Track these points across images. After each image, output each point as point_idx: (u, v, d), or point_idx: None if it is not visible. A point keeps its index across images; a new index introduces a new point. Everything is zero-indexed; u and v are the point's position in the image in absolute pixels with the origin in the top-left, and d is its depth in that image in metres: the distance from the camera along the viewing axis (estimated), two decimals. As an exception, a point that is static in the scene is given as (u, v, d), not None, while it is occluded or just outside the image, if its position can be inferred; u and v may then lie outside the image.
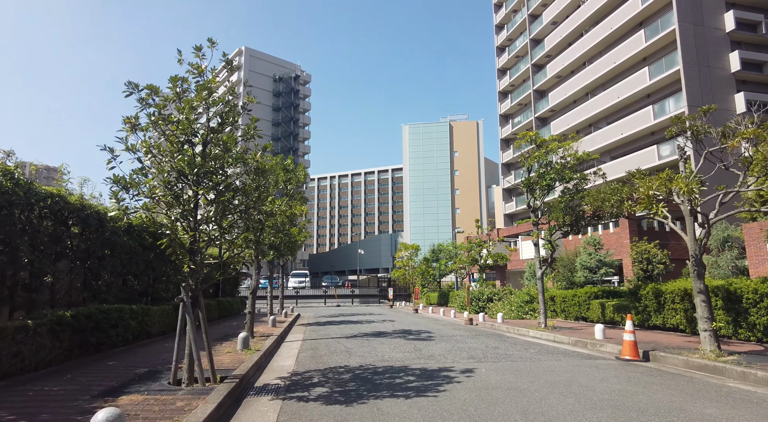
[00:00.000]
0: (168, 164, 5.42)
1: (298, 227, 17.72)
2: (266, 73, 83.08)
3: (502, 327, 14.52)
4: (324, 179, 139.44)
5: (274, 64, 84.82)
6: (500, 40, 59.90)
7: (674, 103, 34.05)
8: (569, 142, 13.18)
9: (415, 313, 24.67)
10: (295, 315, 21.49)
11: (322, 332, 13.73)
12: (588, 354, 9.01)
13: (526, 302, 18.11)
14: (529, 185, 13.35)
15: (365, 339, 11.41)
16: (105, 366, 6.97)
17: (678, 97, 33.92)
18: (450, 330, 13.93)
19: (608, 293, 15.04)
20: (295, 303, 35.42)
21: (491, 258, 25.01)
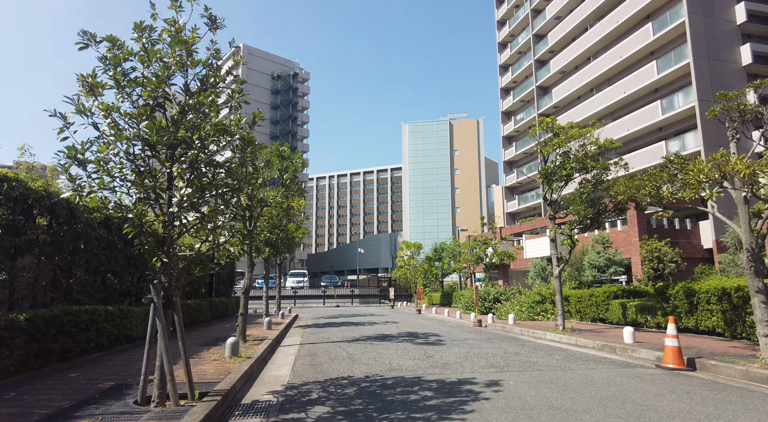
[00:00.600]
0: (133, 131, 4.37)
1: (295, 223, 16.68)
2: (264, 70, 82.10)
3: (515, 329, 13.50)
4: (323, 179, 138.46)
5: (272, 61, 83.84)
6: (502, 36, 58.94)
7: (683, 98, 33.09)
8: (590, 129, 12.16)
9: (418, 314, 23.64)
10: (292, 316, 20.45)
11: (321, 335, 12.69)
12: (622, 360, 7.98)
13: (538, 303, 17.10)
14: (547, 176, 12.32)
15: (369, 343, 10.38)
16: (65, 379, 5.92)
17: (687, 91, 32.94)
18: (459, 333, 12.90)
19: (628, 292, 14.03)
20: (293, 304, 34.35)
21: (497, 257, 24.01)
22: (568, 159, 11.90)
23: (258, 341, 10.52)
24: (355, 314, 22.20)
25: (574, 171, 11.78)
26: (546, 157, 12.74)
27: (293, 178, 10.77)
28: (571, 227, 12.15)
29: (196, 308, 14.18)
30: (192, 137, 4.62)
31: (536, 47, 51.85)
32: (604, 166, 11.63)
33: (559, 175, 11.98)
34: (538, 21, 51.56)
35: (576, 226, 12.09)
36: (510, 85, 57.28)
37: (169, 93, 4.69)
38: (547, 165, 12.53)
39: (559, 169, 11.99)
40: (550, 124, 12.65)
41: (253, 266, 10.66)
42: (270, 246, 15.11)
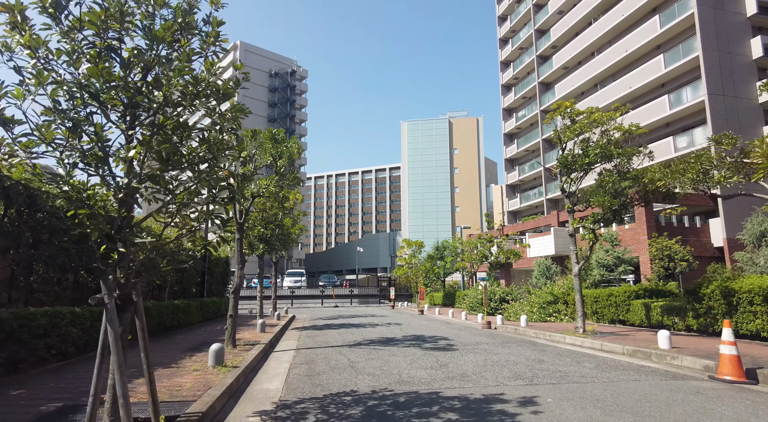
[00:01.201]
0: (71, 78, 3.30)
1: (292, 218, 15.62)
2: (262, 68, 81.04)
3: (529, 331, 12.48)
4: (321, 178, 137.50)
5: (269, 59, 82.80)
6: (503, 32, 58.02)
7: (692, 93, 32.15)
8: (615, 113, 11.14)
9: (421, 315, 22.60)
10: (289, 317, 19.40)
11: (319, 338, 11.63)
12: (665, 370, 6.95)
13: (549, 303, 16.09)
14: (566, 165, 11.28)
15: (372, 349, 9.33)
16: (3, 398, 4.85)
17: (696, 85, 32.00)
18: (469, 336, 11.87)
19: (650, 292, 13.02)
20: (290, 304, 33.28)
21: (503, 255, 23.01)
22: (590, 146, 10.87)
23: (249, 346, 9.46)
24: (354, 315, 21.16)
25: (598, 158, 10.74)
26: (564, 144, 11.71)
27: (288, 165, 9.73)
28: (594, 220, 11.10)
29: (184, 309, 13.11)
30: (153, 91, 3.55)
31: (538, 43, 50.91)
32: (630, 153, 10.60)
33: (579, 163, 10.95)
34: (540, 16, 50.63)
35: (599, 219, 11.03)
36: (511, 81, 56.35)
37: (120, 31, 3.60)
38: (566, 153, 11.50)
39: (580, 157, 10.96)
40: (569, 109, 11.60)
41: (244, 263, 9.61)
42: (264, 243, 14.05)
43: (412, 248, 28.06)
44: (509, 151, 55.42)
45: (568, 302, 15.74)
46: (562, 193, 11.93)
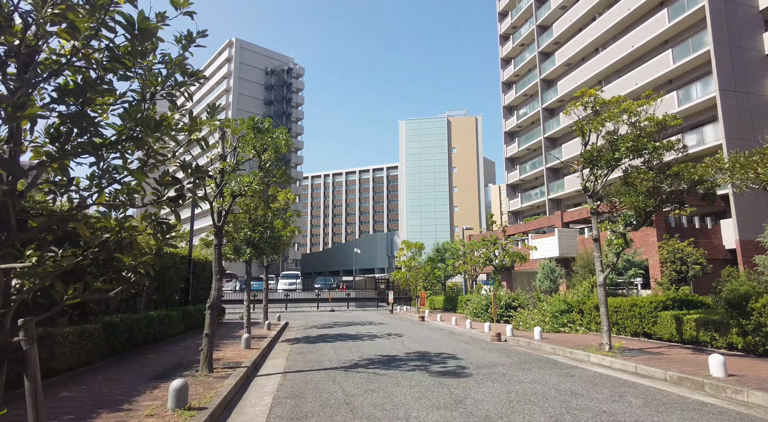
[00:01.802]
0: None
1: (283, 220, 14.28)
2: (257, 65, 79.69)
3: (545, 346, 11.20)
4: (318, 178, 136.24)
5: (265, 56, 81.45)
6: (504, 28, 56.83)
7: (702, 89, 30.94)
8: (648, 100, 9.85)
9: (422, 322, 21.31)
10: (281, 325, 18.09)
11: (311, 356, 10.30)
12: (733, 410, 5.66)
13: (563, 312, 14.81)
14: (592, 160, 9.97)
15: (372, 374, 8.01)
16: None
17: (706, 81, 30.79)
18: (480, 353, 10.57)
19: (680, 302, 11.76)
20: (284, 308, 31.93)
21: (509, 258, 21.69)
22: (620, 139, 9.57)
23: (229, 369, 8.14)
24: (351, 322, 19.84)
25: (628, 153, 9.44)
26: (587, 138, 10.41)
27: (275, 160, 8.41)
28: (625, 223, 9.78)
29: (161, 320, 11.75)
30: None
31: (540, 39, 49.72)
32: (667, 146, 9.30)
33: (606, 159, 9.65)
34: (542, 11, 49.43)
35: (631, 222, 9.72)
36: (512, 78, 55.16)
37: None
38: (589, 148, 10.20)
39: (607, 152, 9.66)
40: (594, 96, 10.29)
41: (223, 273, 8.28)
42: (252, 246, 12.71)
43: (412, 250, 26.76)
44: (510, 149, 54.22)
45: (583, 311, 14.47)
46: (584, 192, 10.64)
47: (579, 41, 43.07)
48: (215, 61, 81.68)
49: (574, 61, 44.74)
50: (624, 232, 9.85)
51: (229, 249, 12.71)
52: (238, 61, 78.12)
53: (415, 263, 26.45)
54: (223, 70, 79.13)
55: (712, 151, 28.74)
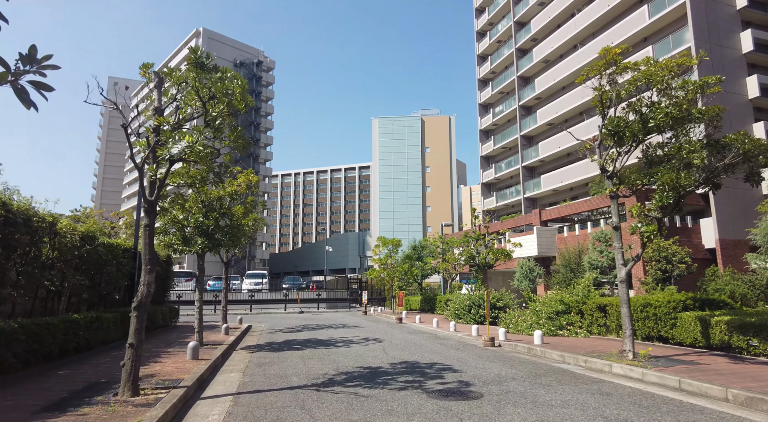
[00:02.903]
0: None
1: (243, 205, 12.19)
2: (226, 57, 76.29)
3: (551, 353, 9.59)
4: (288, 176, 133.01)
5: (234, 48, 78.16)
6: (480, 25, 55.98)
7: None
8: (689, 59, 8.35)
9: (400, 324, 19.53)
10: (242, 329, 15.93)
11: (274, 369, 8.32)
12: None
13: (560, 313, 13.30)
14: (617, 132, 8.40)
15: (353, 396, 6.13)
16: None
17: (686, 78, 30.30)
18: (478, 362, 8.85)
19: (701, 302, 10.40)
20: (248, 309, 29.52)
21: (492, 255, 20.24)
22: (655, 106, 8.03)
23: (162, 390, 6.08)
24: (323, 325, 17.84)
25: (668, 120, 7.90)
26: (606, 108, 8.86)
27: (227, 114, 6.40)
28: (661, 205, 8.16)
29: (89, 324, 9.47)
30: None
31: (518, 35, 49.00)
32: (715, 111, 7.83)
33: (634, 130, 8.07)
34: (520, 7, 48.71)
35: (669, 201, 8.11)
36: (488, 76, 54.30)
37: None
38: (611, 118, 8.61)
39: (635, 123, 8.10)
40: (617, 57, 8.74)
41: (155, 262, 6.22)
42: (204, 236, 10.60)
43: (388, 247, 24.97)
44: (485, 148, 53.30)
45: (584, 312, 13.00)
46: (601, 173, 9.09)
47: (557, 38, 42.47)
48: (181, 51, 77.73)
49: (552, 58, 44.13)
50: (658, 216, 8.30)
51: (176, 238, 10.55)
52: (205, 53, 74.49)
53: (391, 261, 24.68)
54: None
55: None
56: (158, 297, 17.63)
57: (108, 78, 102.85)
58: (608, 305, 11.99)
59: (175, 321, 18.18)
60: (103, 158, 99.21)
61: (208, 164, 6.72)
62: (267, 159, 78.43)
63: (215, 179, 7.05)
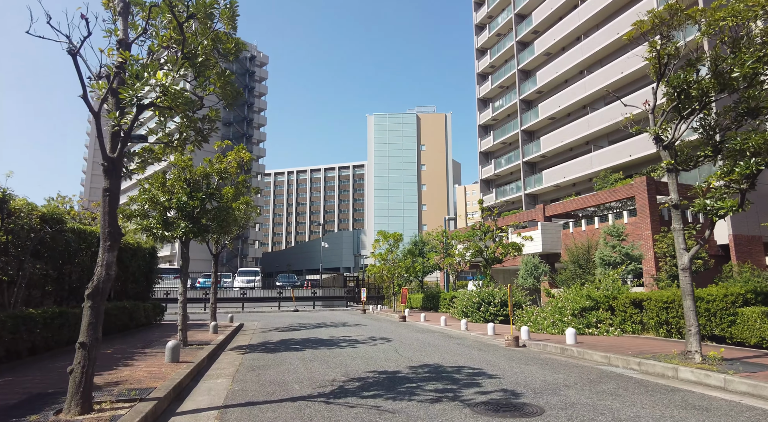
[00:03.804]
0: None
1: (234, 186, 10.72)
2: (218, 50, 74.30)
3: (591, 354, 8.24)
4: (281, 175, 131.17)
5: (226, 40, 76.16)
6: (479, 18, 54.75)
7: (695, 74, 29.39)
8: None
9: (404, 322, 18.13)
10: (234, 327, 14.45)
11: (270, 374, 6.89)
12: None
13: (587, 310, 11.96)
14: (682, 91, 7.05)
15: (375, 411, 4.72)
16: None
17: (696, 69, 29.21)
18: (511, 365, 7.48)
19: (764, 296, 9.09)
20: (240, 308, 28.00)
21: (503, 249, 18.94)
22: (745, 51, 6.68)
23: (125, 403, 4.64)
24: (321, 324, 16.40)
25: (761, 66, 6.57)
26: (663, 65, 7.53)
27: (212, 49, 5.01)
28: (749, 172, 6.75)
29: (49, 321, 7.95)
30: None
31: (518, 28, 47.80)
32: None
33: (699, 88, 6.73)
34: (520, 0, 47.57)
35: (758, 168, 6.69)
36: (488, 70, 53.09)
37: None
38: (678, 74, 7.26)
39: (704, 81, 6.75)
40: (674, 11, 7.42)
41: (118, 237, 4.76)
42: (188, 220, 9.13)
43: (389, 241, 23.57)
44: (484, 143, 52.07)
45: (614, 308, 11.69)
46: (656, 143, 7.75)
47: (560, 30, 41.31)
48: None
49: (554, 50, 42.97)
50: (744, 189, 6.94)
51: (155, 220, 9.07)
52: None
53: (392, 257, 23.28)
54: (179, 54, 73.36)
55: (705, 141, 27.18)
56: (142, 293, 16.11)
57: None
58: (645, 301, 10.67)
59: (159, 319, 16.67)
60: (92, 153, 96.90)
61: (188, 115, 5.27)
62: (260, 156, 76.70)
63: (198, 137, 5.62)
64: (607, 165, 34.06)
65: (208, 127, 5.71)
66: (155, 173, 9.39)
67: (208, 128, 5.73)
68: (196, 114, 5.46)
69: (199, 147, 5.91)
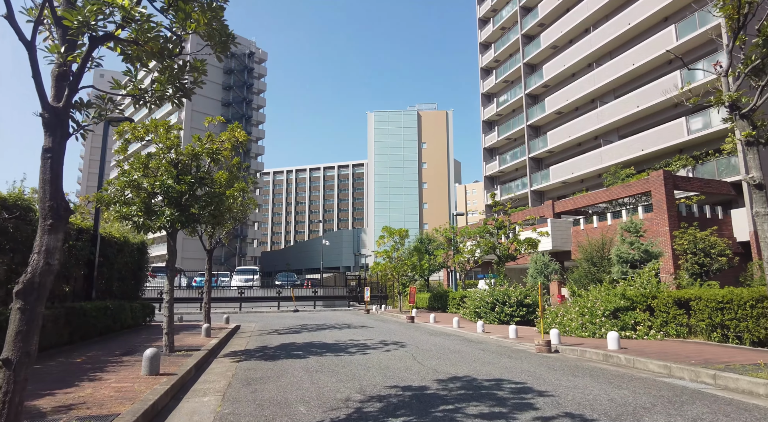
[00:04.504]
0: None
1: (228, 170, 9.45)
2: (216, 46, 73.01)
3: (646, 363, 7.01)
4: (280, 174, 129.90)
5: (225, 37, 74.85)
6: (483, 11, 53.53)
7: (709, 67, 28.16)
8: None
9: (412, 323, 16.88)
10: (229, 329, 13.20)
11: (268, 390, 5.64)
12: None
13: (621, 310, 10.72)
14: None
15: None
16: None
17: (712, 59, 27.98)
18: (555, 376, 6.25)
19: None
20: (237, 308, 26.74)
21: (519, 245, 17.73)
22: None
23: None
24: (324, 326, 15.15)
25: None
26: (743, 16, 6.32)
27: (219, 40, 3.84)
28: None
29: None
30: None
31: (523, 21, 46.58)
32: None
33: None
34: (526, -9, 46.35)
35: None
36: (492, 64, 51.88)
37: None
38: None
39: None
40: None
41: (60, 211, 3.52)
42: (175, 207, 7.88)
43: (395, 238, 22.32)
44: (488, 139, 50.86)
45: (654, 308, 10.46)
46: (730, 111, 6.52)
47: (567, 22, 40.09)
48: (168, 38, 74.36)
49: (561, 43, 41.76)
50: None
51: (137, 208, 7.80)
52: (195, 41, 71.36)
53: (398, 254, 22.04)
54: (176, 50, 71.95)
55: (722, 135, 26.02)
56: (130, 292, 14.85)
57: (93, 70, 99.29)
58: (694, 300, 9.43)
59: (149, 320, 15.41)
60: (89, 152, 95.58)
61: (164, 62, 4.02)
62: (259, 154, 75.39)
63: (177, 93, 4.38)
64: (617, 160, 32.83)
65: (189, 79, 4.45)
66: (136, 154, 8.13)
67: (191, 80, 4.47)
68: (174, 60, 4.21)
69: (179, 105, 4.65)
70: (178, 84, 4.42)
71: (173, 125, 8.46)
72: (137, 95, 4.36)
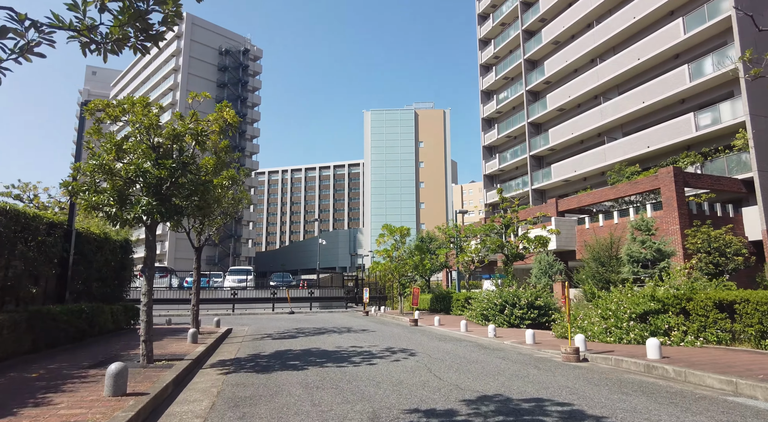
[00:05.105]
0: None
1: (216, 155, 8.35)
2: (211, 44, 72.17)
3: (701, 377, 6.00)
4: (275, 173, 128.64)
5: (220, 35, 73.92)
6: (482, 7, 52.60)
7: (718, 61, 27.32)
8: None
9: (416, 326, 15.82)
10: (219, 334, 12.10)
11: (259, 415, 4.56)
12: None
13: (651, 313, 9.72)
14: None
15: None
16: None
17: (721, 53, 27.17)
18: (603, 394, 5.23)
19: None
20: (230, 309, 25.58)
21: (530, 244, 16.74)
22: None
23: None
24: (322, 329, 14.06)
25: None
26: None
27: None
28: None
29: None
30: None
31: (524, 16, 45.69)
32: None
33: None
34: (527, -14, 45.46)
35: None
36: (491, 61, 50.96)
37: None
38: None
39: None
40: None
41: None
42: (153, 196, 6.80)
43: (395, 236, 21.27)
44: (488, 137, 49.91)
45: (689, 312, 9.46)
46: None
47: (569, 17, 39.21)
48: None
49: (562, 38, 40.88)
50: None
51: (109, 195, 6.70)
52: (189, 39, 70.34)
53: (398, 254, 20.99)
54: (171, 47, 70.93)
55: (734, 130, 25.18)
56: (112, 293, 13.69)
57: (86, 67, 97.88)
58: (739, 302, 8.44)
59: (134, 324, 14.28)
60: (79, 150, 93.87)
61: None
62: (253, 152, 74.18)
63: (140, 37, 3.31)
64: (621, 158, 31.92)
65: (164, 20, 3.37)
66: (108, 134, 7.02)
67: (159, 22, 3.39)
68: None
69: (144, 52, 3.56)
70: (137, 15, 3.32)
71: (152, 102, 7.38)
72: (84, 34, 3.26)
